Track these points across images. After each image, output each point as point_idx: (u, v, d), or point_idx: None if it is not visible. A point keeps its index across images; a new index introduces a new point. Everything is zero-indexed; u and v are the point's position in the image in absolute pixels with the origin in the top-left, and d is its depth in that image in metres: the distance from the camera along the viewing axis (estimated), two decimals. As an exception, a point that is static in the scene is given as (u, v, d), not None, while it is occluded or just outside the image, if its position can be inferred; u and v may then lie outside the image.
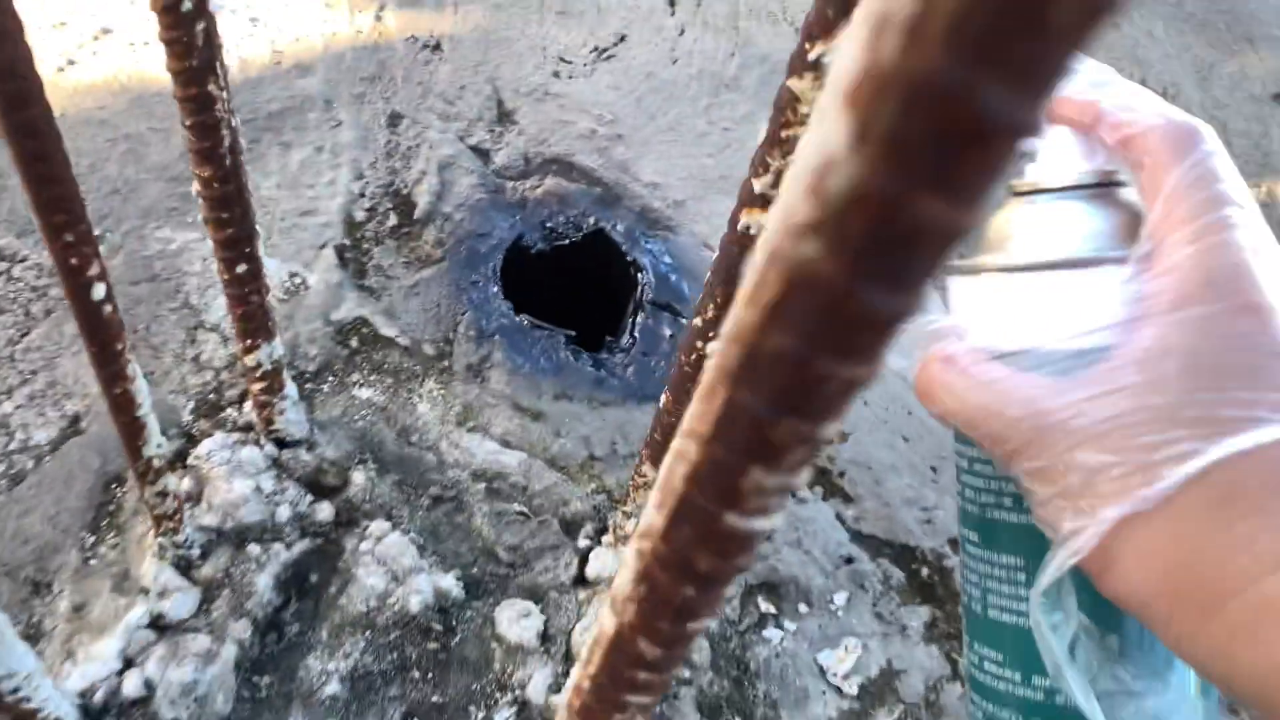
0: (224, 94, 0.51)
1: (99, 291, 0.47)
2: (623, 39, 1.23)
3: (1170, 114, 0.39)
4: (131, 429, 0.56)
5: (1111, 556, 0.34)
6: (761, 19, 1.30)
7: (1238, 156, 1.32)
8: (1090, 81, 0.43)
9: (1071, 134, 0.42)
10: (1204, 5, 1.50)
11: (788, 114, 0.42)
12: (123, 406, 0.54)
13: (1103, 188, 0.41)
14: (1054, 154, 0.43)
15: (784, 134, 0.43)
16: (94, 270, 0.46)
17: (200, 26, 0.47)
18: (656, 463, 0.65)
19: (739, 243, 0.48)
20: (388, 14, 1.15)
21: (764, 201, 0.46)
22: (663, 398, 0.61)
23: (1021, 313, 0.41)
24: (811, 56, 0.39)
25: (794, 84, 0.41)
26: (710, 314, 0.53)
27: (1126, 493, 0.34)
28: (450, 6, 1.19)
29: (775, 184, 0.45)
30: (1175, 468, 0.33)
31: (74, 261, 0.45)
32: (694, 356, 0.56)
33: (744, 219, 0.47)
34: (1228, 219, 0.36)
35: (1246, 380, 0.35)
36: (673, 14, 1.28)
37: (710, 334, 0.54)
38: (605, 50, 1.21)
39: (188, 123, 0.51)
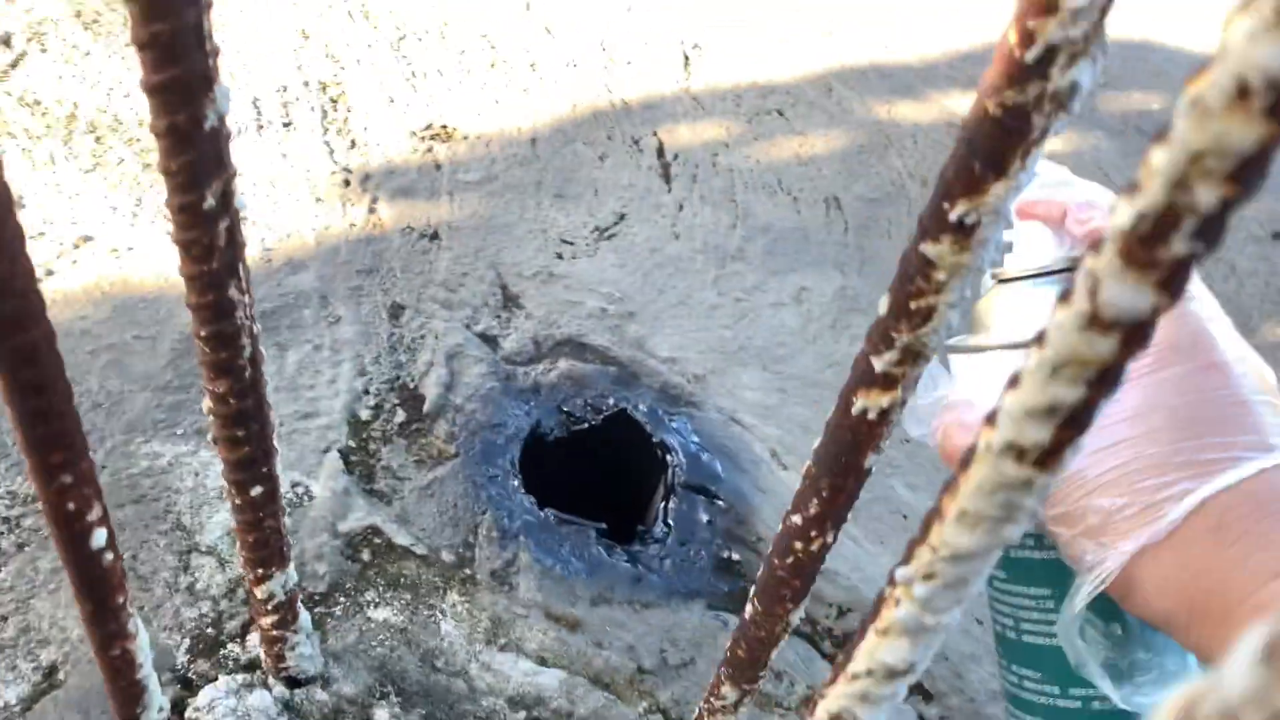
0: (245, 298, 0.44)
1: (99, 538, 0.39)
2: (623, 217, 1.20)
3: None
4: (128, 695, 0.47)
5: (1132, 582, 0.42)
6: (759, 191, 1.29)
7: (1252, 296, 1.30)
8: (1055, 181, 0.53)
9: (1042, 227, 0.51)
10: (1184, 152, 1.52)
11: (919, 282, 0.37)
12: (121, 670, 0.45)
13: (1073, 270, 0.41)
14: (1029, 245, 0.51)
15: (914, 304, 0.37)
16: (95, 514, 0.38)
17: (224, 225, 0.41)
18: (738, 684, 0.57)
19: (852, 429, 0.42)
20: (381, 206, 1.12)
21: (885, 381, 0.40)
22: (748, 608, 0.53)
23: (1000, 382, 0.42)
24: (953, 217, 0.34)
25: (929, 248, 0.35)
26: (814, 510, 0.46)
27: (1138, 528, 0.42)
28: (445, 195, 1.16)
29: (900, 361, 0.39)
30: (1175, 505, 0.41)
31: (72, 506, 0.37)
32: (790, 560, 0.48)
33: (860, 401, 0.41)
34: (1186, 294, 0.44)
35: (1220, 428, 0.43)
36: (669, 190, 1.26)
37: (813, 533, 0.46)
38: (606, 229, 1.18)
39: (203, 333, 0.44)
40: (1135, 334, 0.22)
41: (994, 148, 0.33)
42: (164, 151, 0.39)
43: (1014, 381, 0.25)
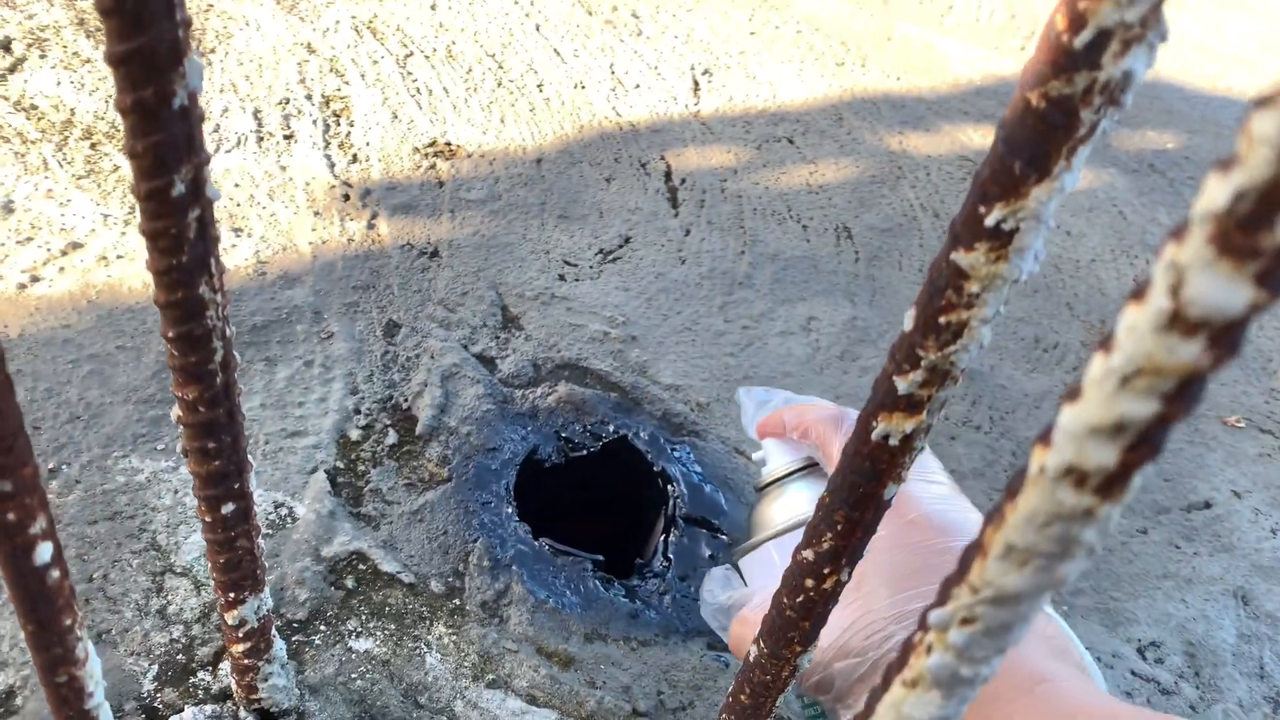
0: (218, 297, 0.41)
1: (44, 553, 0.36)
2: (628, 240, 1.17)
3: (824, 406, 0.62)
4: (77, 726, 0.43)
5: None
6: (767, 217, 1.26)
7: (1272, 340, 1.27)
8: (782, 400, 0.67)
9: (780, 442, 0.65)
10: (1202, 190, 1.49)
11: (949, 295, 0.33)
12: (68, 699, 0.42)
13: (809, 468, 0.63)
14: (774, 455, 0.65)
15: (943, 319, 0.34)
16: (38, 527, 0.35)
17: (194, 214, 0.38)
18: (740, 729, 0.53)
19: (871, 456, 0.38)
20: (381, 221, 1.09)
21: (910, 404, 0.36)
22: (753, 650, 0.49)
23: (779, 570, 0.56)
24: (989, 222, 0.31)
25: (961, 258, 0.32)
26: (827, 544, 0.42)
27: (872, 680, 0.48)
28: (447, 213, 1.13)
29: (927, 382, 0.35)
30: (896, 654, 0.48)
31: (12, 517, 0.34)
32: (800, 599, 0.45)
33: (881, 425, 0.37)
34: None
35: (923, 577, 0.50)
36: (676, 215, 1.23)
37: (827, 569, 0.43)
38: (611, 252, 1.15)
39: (171, 333, 0.41)
40: (1225, 337, 0.19)
41: (1036, 145, 0.30)
42: (130, 131, 0.36)
43: (1074, 394, 0.22)
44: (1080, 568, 0.23)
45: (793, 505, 0.64)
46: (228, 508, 0.49)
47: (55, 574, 0.37)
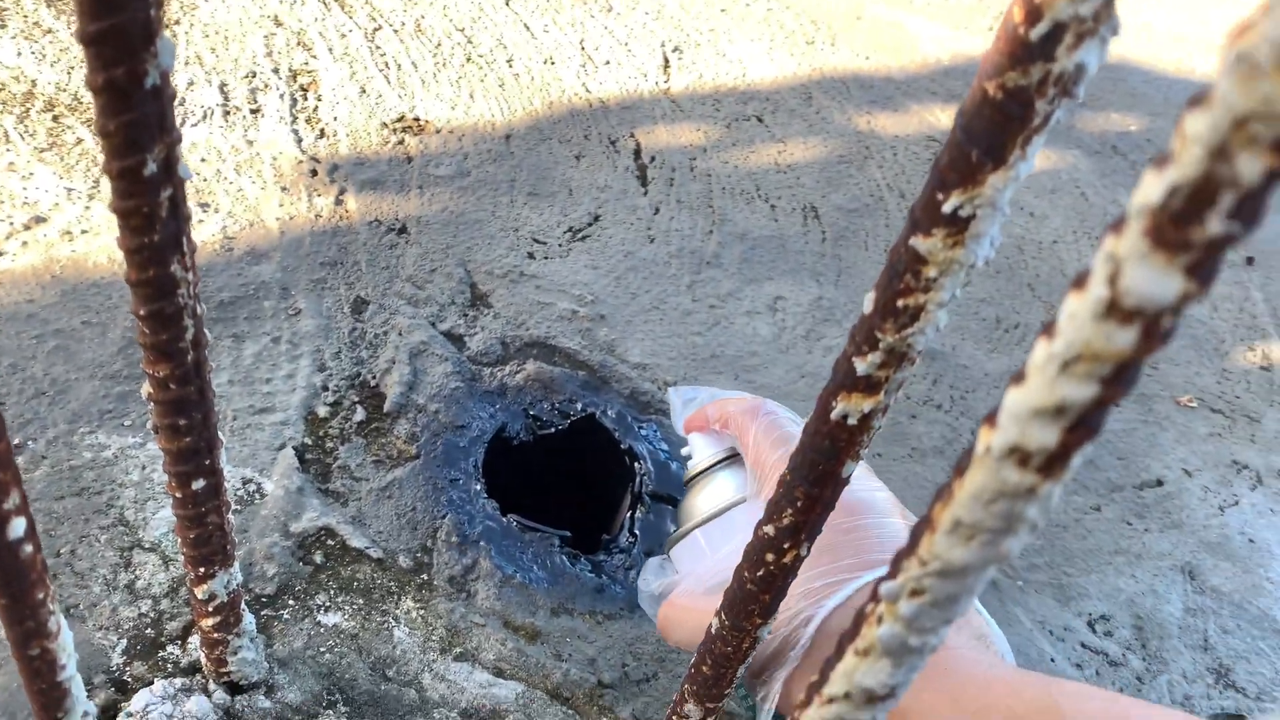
0: (189, 275, 0.41)
1: (17, 528, 0.36)
2: (597, 219, 1.18)
3: (744, 400, 0.66)
4: (49, 698, 0.44)
5: (793, 701, 0.52)
6: (736, 196, 1.27)
7: (1225, 321, 1.30)
8: (708, 396, 0.72)
9: (704, 436, 0.70)
10: (1161, 174, 1.52)
11: (908, 279, 0.34)
12: (40, 671, 0.42)
13: (730, 458, 0.68)
14: (698, 448, 0.70)
15: (901, 303, 0.35)
16: (11, 502, 0.35)
17: (166, 194, 0.38)
18: (702, 701, 0.54)
19: (831, 435, 0.39)
20: (349, 198, 1.09)
21: (868, 385, 0.37)
22: (714, 622, 0.50)
23: (705, 554, 0.65)
24: (946, 209, 0.32)
25: (919, 242, 0.33)
26: (787, 520, 0.43)
27: (783, 658, 0.53)
28: (415, 189, 1.13)
29: (884, 364, 0.36)
30: (803, 630, 0.52)
31: (-16, 492, 0.34)
32: (761, 572, 0.46)
33: (840, 405, 0.38)
34: (790, 443, 0.54)
35: (827, 557, 0.54)
36: (645, 193, 1.24)
37: (787, 544, 0.44)
38: (580, 230, 1.15)
39: (142, 311, 0.41)
40: (1158, 326, 0.20)
41: (993, 134, 0.31)
42: (101, 110, 0.36)
43: (1019, 378, 0.23)
44: (1023, 542, 0.25)
45: (716, 494, 0.67)
46: (198, 484, 0.50)
47: (28, 548, 0.38)
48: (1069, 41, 0.28)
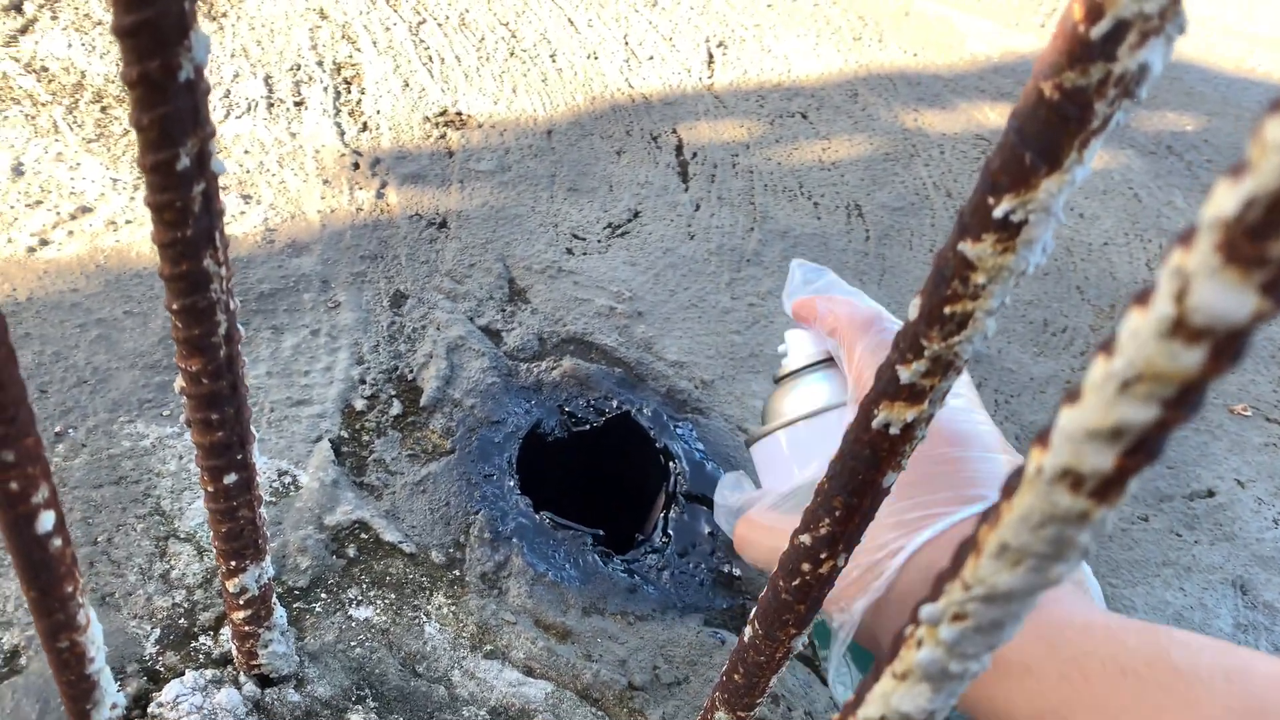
0: (223, 270, 0.41)
1: (46, 522, 0.36)
2: (637, 215, 1.17)
3: (859, 307, 0.60)
4: (78, 690, 0.44)
5: (871, 633, 0.51)
6: (779, 194, 1.25)
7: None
8: (827, 283, 0.68)
9: (804, 330, 0.66)
10: (1218, 177, 1.48)
11: (955, 285, 0.33)
12: (69, 663, 0.42)
13: (826, 362, 0.64)
14: (795, 347, 0.66)
15: (948, 310, 0.33)
16: (40, 496, 0.35)
17: (199, 189, 0.38)
18: (733, 709, 0.53)
19: (872, 444, 0.38)
20: (390, 191, 1.09)
21: (912, 394, 0.36)
22: (747, 630, 0.49)
23: (791, 459, 0.62)
24: (998, 214, 0.30)
25: (968, 248, 0.32)
26: (825, 530, 0.42)
27: (865, 587, 0.50)
28: (456, 183, 1.13)
29: (929, 372, 0.35)
30: (889, 561, 0.49)
31: (14, 486, 0.34)
32: (796, 582, 0.45)
33: (883, 414, 0.37)
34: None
35: (923, 489, 0.51)
36: (686, 190, 1.22)
37: (824, 554, 0.43)
38: (619, 226, 1.14)
39: (175, 306, 0.41)
40: (1227, 346, 0.19)
41: (1048, 137, 0.29)
42: (135, 103, 0.35)
43: (1074, 397, 0.22)
44: (1074, 568, 0.23)
45: (806, 397, 0.64)
46: (230, 478, 0.49)
47: (57, 542, 0.38)
48: (1132, 40, 0.27)
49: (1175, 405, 0.20)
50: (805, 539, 0.43)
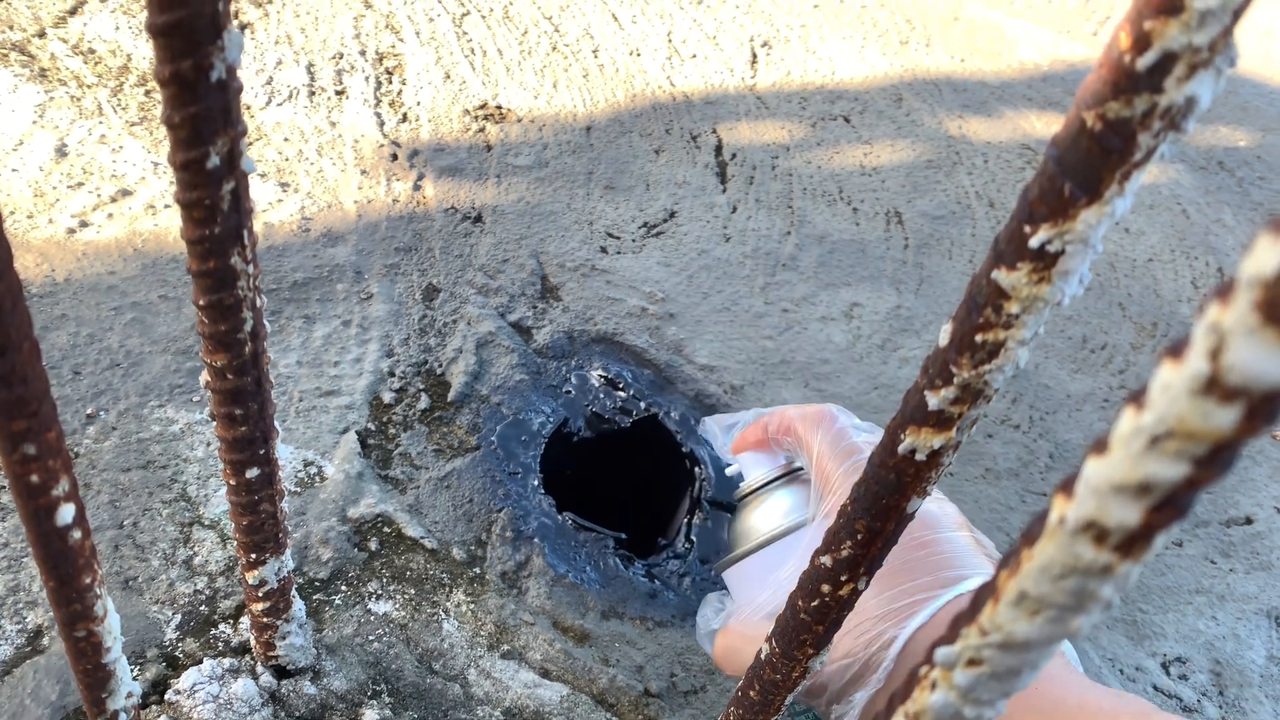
0: (250, 268, 0.41)
1: (66, 515, 0.36)
2: (673, 215, 1.16)
3: (804, 407, 0.61)
4: (94, 678, 0.44)
5: None
6: (817, 198, 1.24)
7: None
8: (751, 416, 0.67)
9: (755, 454, 0.65)
10: (1270, 195, 1.45)
11: (988, 313, 0.32)
12: (86, 652, 0.42)
13: (789, 474, 0.63)
14: (750, 466, 0.65)
15: (979, 338, 0.33)
16: (60, 489, 0.35)
17: (229, 187, 0.38)
18: (748, 725, 0.52)
19: (897, 469, 0.37)
20: (427, 183, 1.09)
21: (939, 420, 0.35)
22: (765, 648, 0.48)
23: (765, 578, 0.60)
24: (1034, 243, 0.30)
25: (1003, 276, 0.31)
26: (846, 552, 0.41)
27: (864, 680, 0.51)
28: (493, 178, 1.13)
29: (958, 400, 0.34)
30: (885, 652, 0.50)
31: (35, 479, 0.34)
32: (815, 603, 0.44)
33: (909, 439, 0.36)
34: (860, 454, 0.55)
35: (904, 575, 0.52)
36: (724, 191, 1.22)
37: (844, 577, 0.42)
38: (655, 226, 1.14)
39: (202, 302, 0.41)
40: (1263, 407, 0.18)
41: (1089, 168, 0.28)
42: (167, 101, 0.35)
43: (1101, 448, 0.21)
44: (1095, 621, 0.22)
45: (774, 513, 0.62)
46: (252, 472, 0.50)
47: (77, 534, 0.38)
48: (1180, 73, 0.26)
49: (1206, 464, 0.19)
50: (826, 560, 0.42)
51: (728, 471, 0.69)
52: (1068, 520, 0.21)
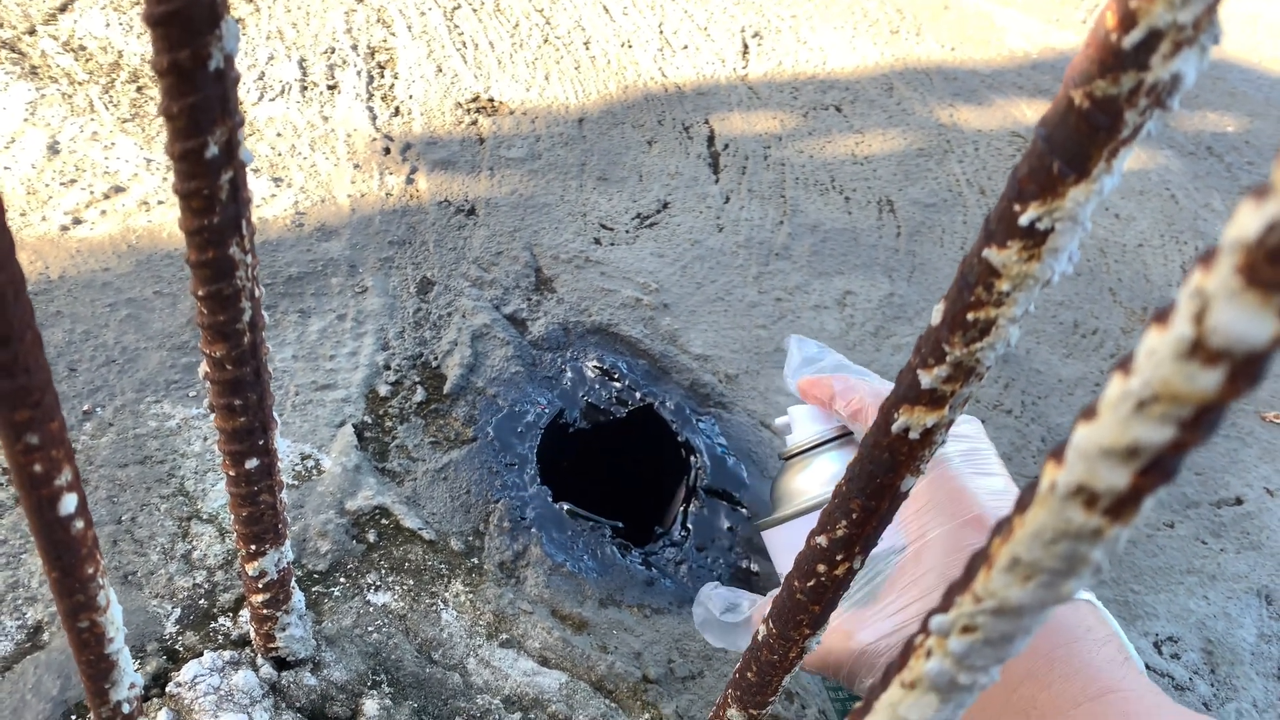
0: (248, 258, 0.41)
1: (68, 505, 0.37)
2: (666, 206, 1.16)
3: (881, 390, 0.58)
4: (97, 669, 0.44)
5: None
6: (810, 187, 1.25)
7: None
8: (833, 364, 0.65)
9: (812, 407, 0.62)
10: (1258, 180, 1.45)
11: (979, 291, 0.33)
12: (89, 643, 0.43)
13: (840, 439, 0.60)
14: (802, 423, 0.62)
15: (971, 316, 0.33)
16: (63, 479, 0.36)
17: (227, 176, 0.38)
18: (745, 707, 0.53)
19: (890, 448, 0.38)
20: (420, 177, 1.09)
21: (932, 399, 0.36)
22: (762, 629, 0.49)
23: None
24: (1023, 221, 0.30)
25: (993, 255, 0.31)
26: (841, 532, 0.42)
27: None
28: (486, 170, 1.13)
29: (951, 378, 0.35)
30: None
31: (38, 469, 0.35)
32: (812, 583, 0.45)
33: (902, 418, 0.37)
34: (940, 453, 0.52)
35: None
36: (716, 181, 1.22)
37: (839, 556, 0.43)
38: (648, 217, 1.14)
39: (201, 292, 0.42)
40: (1246, 370, 0.18)
41: (1077, 145, 0.29)
42: (165, 92, 0.36)
43: (1090, 414, 0.21)
44: (1085, 585, 0.23)
45: (819, 477, 0.60)
46: (251, 463, 0.50)
47: (79, 524, 0.38)
48: (1165, 50, 0.26)
49: (1192, 427, 0.20)
50: (821, 540, 0.43)
51: (777, 422, 0.65)
52: (1058, 486, 0.22)
